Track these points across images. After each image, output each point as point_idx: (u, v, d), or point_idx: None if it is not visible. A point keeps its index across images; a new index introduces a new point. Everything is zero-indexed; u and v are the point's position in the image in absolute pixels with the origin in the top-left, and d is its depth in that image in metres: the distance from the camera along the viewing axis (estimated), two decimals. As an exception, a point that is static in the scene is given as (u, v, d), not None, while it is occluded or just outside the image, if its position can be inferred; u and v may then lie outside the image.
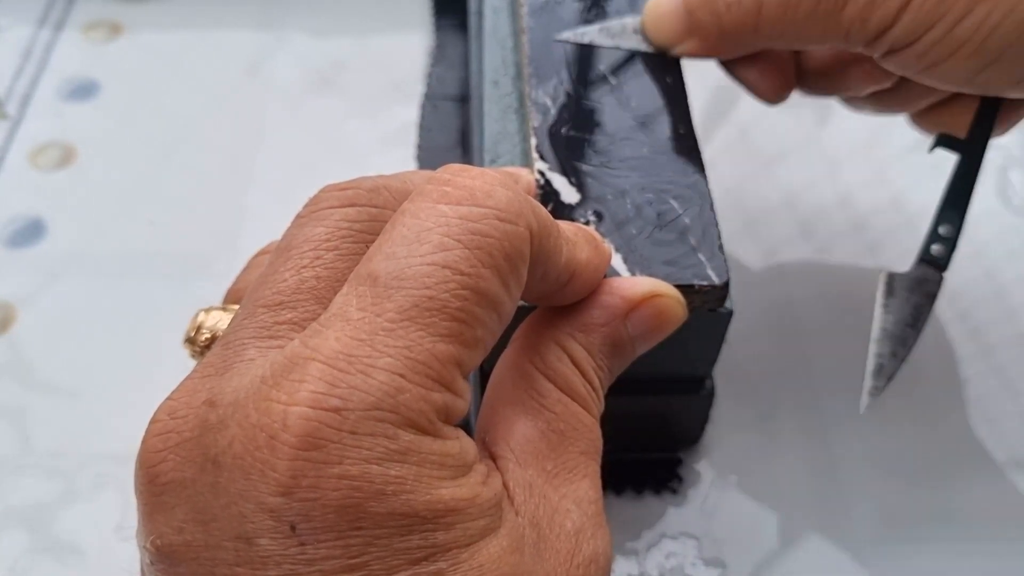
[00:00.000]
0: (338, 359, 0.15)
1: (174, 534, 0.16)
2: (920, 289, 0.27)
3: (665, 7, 0.27)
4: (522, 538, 0.17)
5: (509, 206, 0.17)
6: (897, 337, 0.27)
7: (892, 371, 0.26)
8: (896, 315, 0.27)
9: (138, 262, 0.35)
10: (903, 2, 0.23)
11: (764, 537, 0.29)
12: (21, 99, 0.40)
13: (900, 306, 0.27)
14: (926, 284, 0.27)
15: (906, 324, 0.27)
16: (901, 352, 0.26)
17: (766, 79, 0.29)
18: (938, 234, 0.28)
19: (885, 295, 0.27)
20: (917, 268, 0.28)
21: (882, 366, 0.26)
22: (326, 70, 0.42)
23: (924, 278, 0.27)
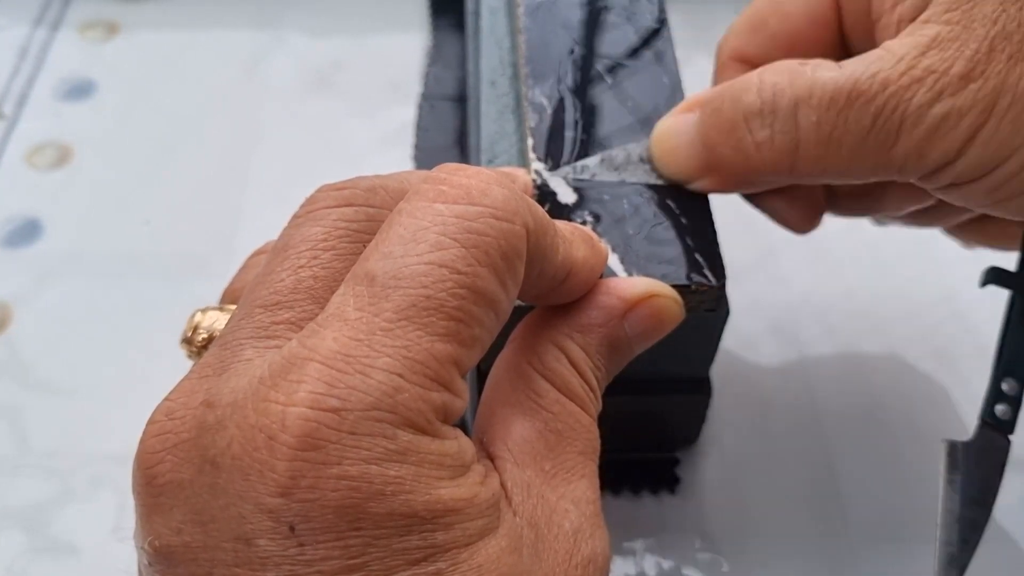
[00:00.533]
0: (336, 359, 0.15)
1: (172, 535, 0.15)
2: (987, 459, 0.24)
3: (677, 140, 0.24)
4: (520, 538, 0.17)
5: (505, 204, 0.17)
6: (966, 520, 0.23)
7: (965, 561, 0.23)
8: (963, 493, 0.24)
9: (135, 262, 0.35)
10: (969, 134, 0.20)
11: (761, 537, 0.29)
12: (17, 99, 0.40)
13: (967, 483, 0.24)
14: (993, 453, 0.24)
15: (975, 503, 0.24)
16: (972, 538, 0.23)
17: (794, 209, 0.26)
18: (1001, 392, 0.24)
19: (949, 469, 0.24)
20: (981, 434, 0.24)
21: (953, 556, 0.23)
22: (323, 70, 0.41)
23: (990, 446, 0.24)
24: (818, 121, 0.21)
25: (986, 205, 0.22)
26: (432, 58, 0.42)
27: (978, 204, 0.22)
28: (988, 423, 0.24)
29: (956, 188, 0.22)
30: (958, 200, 0.22)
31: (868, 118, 0.21)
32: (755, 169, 0.23)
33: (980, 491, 0.24)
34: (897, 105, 0.21)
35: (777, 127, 0.22)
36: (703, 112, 0.24)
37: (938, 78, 0.20)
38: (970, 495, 0.24)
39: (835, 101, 0.21)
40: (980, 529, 0.23)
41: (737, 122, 0.23)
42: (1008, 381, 0.24)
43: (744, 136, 0.22)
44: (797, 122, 0.22)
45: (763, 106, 0.22)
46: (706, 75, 0.39)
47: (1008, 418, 0.24)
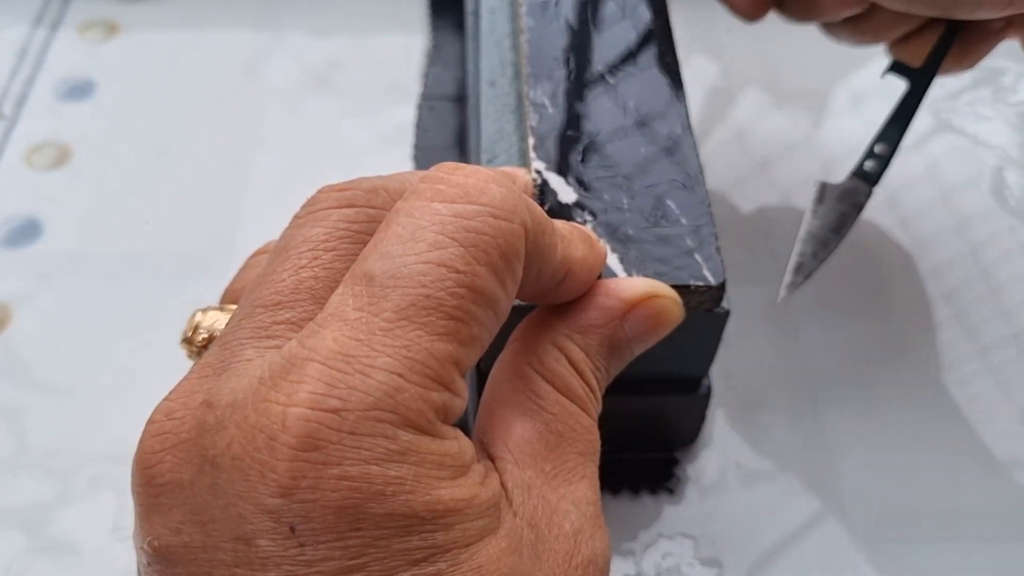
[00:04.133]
0: (336, 359, 0.15)
1: (172, 535, 0.15)
2: (849, 199, 0.29)
3: None
4: (520, 539, 0.17)
5: (503, 203, 0.17)
6: (820, 240, 0.28)
7: (811, 270, 0.28)
8: (822, 220, 0.29)
9: (134, 262, 0.35)
10: None
11: (761, 537, 0.29)
12: (17, 99, 0.40)
13: (827, 213, 0.29)
14: (855, 195, 0.29)
15: (830, 229, 0.29)
16: (821, 254, 0.28)
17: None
18: (874, 152, 0.29)
19: (816, 202, 0.29)
20: (849, 180, 0.29)
21: (802, 264, 0.28)
22: (323, 70, 0.41)
23: (854, 189, 0.29)
24: None
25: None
26: (431, 58, 0.42)
27: None
28: (857, 174, 0.30)
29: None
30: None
31: None
32: None
33: (837, 222, 0.29)
34: None
35: None
36: None
37: None
38: (828, 223, 0.29)
39: None
40: (830, 250, 0.28)
41: None
42: (881, 144, 0.30)
43: None
44: None
45: None
46: (707, 74, 0.39)
47: (873, 171, 0.29)
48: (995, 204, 0.38)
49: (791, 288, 0.28)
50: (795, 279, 0.28)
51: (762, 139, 0.40)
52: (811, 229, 0.29)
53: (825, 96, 0.41)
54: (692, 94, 0.28)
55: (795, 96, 0.41)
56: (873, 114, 0.40)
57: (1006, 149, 0.39)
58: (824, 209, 0.29)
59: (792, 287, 0.28)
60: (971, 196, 0.38)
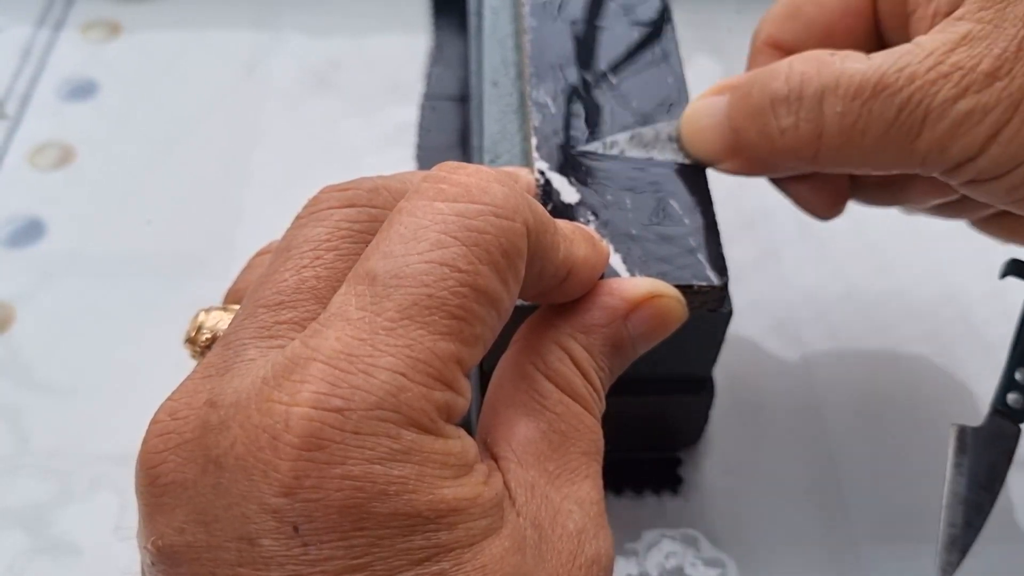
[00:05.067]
0: (339, 359, 0.15)
1: (175, 535, 0.15)
2: (996, 446, 0.24)
3: (706, 121, 0.24)
4: (524, 539, 0.17)
5: (505, 202, 0.17)
6: (972, 503, 0.24)
7: (967, 543, 0.23)
8: (970, 477, 0.24)
9: (136, 262, 0.35)
10: (992, 131, 0.20)
11: (764, 537, 0.29)
12: (20, 99, 0.40)
13: (974, 466, 0.24)
14: (1002, 440, 0.24)
15: (981, 487, 0.24)
16: (977, 521, 0.24)
17: (818, 195, 0.26)
18: (1014, 381, 0.25)
19: (957, 452, 0.24)
20: (992, 421, 0.25)
21: (955, 537, 0.23)
22: (323, 70, 0.41)
23: (1000, 433, 0.24)
24: (843, 111, 0.22)
25: (1007, 202, 0.22)
26: (434, 58, 0.42)
27: (999, 201, 0.22)
28: (999, 410, 0.25)
29: (977, 184, 0.22)
30: (979, 196, 0.22)
31: (892, 110, 0.21)
32: (778, 154, 0.23)
33: (987, 476, 0.24)
34: (922, 99, 0.21)
35: (802, 114, 0.22)
36: (732, 95, 0.24)
37: (965, 74, 0.20)
38: (977, 479, 0.24)
39: (861, 92, 0.21)
40: (985, 513, 0.24)
41: (764, 107, 0.23)
42: (1022, 371, 0.25)
43: (770, 121, 0.23)
44: (822, 111, 0.22)
45: (790, 93, 0.22)
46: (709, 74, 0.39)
47: (1020, 406, 0.25)
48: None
49: (947, 570, 0.23)
50: (950, 558, 0.23)
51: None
52: (958, 490, 0.24)
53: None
54: (695, 93, 0.28)
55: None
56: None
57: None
58: (969, 462, 0.24)
59: (948, 568, 0.23)
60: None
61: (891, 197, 0.28)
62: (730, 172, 0.25)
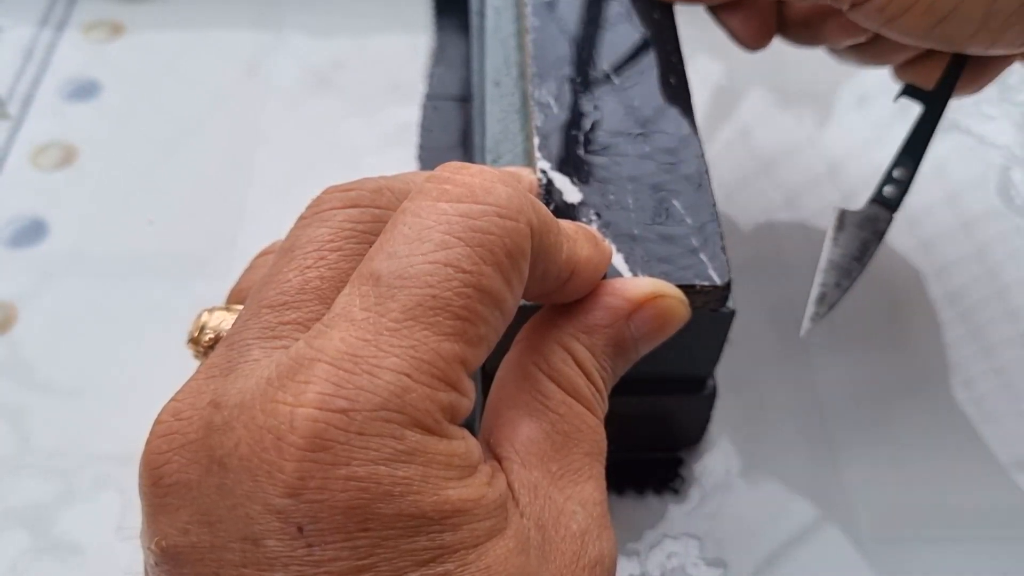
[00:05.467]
0: (343, 360, 0.15)
1: (179, 535, 0.15)
2: (869, 226, 0.28)
3: None
4: (527, 540, 0.17)
5: (509, 202, 0.17)
6: (843, 269, 0.28)
7: (834, 300, 0.27)
8: (844, 248, 0.28)
9: (139, 262, 0.35)
10: None
11: (766, 537, 0.29)
12: (23, 99, 0.40)
13: (849, 241, 0.28)
14: (876, 222, 0.29)
15: (853, 257, 0.28)
16: (844, 283, 0.28)
17: (748, 26, 0.30)
18: (892, 177, 0.29)
19: (836, 230, 0.28)
20: (869, 207, 0.29)
21: (825, 295, 0.27)
22: (325, 70, 0.41)
23: (875, 216, 0.29)
24: None
25: (880, 25, 0.26)
26: (436, 58, 0.42)
27: (876, 24, 0.26)
28: (877, 200, 0.29)
29: (857, 9, 0.26)
30: (862, 21, 0.26)
31: None
32: None
33: (859, 250, 0.28)
34: None
35: None
36: None
37: None
38: (850, 251, 0.28)
39: None
40: (853, 278, 0.28)
41: None
42: (899, 170, 0.29)
43: None
44: None
45: None
46: (712, 74, 0.39)
47: (893, 197, 0.29)
48: (1001, 204, 0.37)
49: (815, 319, 0.27)
50: (819, 310, 0.27)
51: (767, 139, 0.39)
52: (832, 258, 0.28)
53: (830, 96, 0.41)
54: (697, 94, 0.28)
55: (800, 96, 0.41)
56: (879, 115, 0.40)
57: (1012, 149, 0.39)
58: (845, 237, 0.28)
59: (816, 318, 0.27)
60: (977, 196, 0.38)
61: (811, 36, 0.31)
62: None
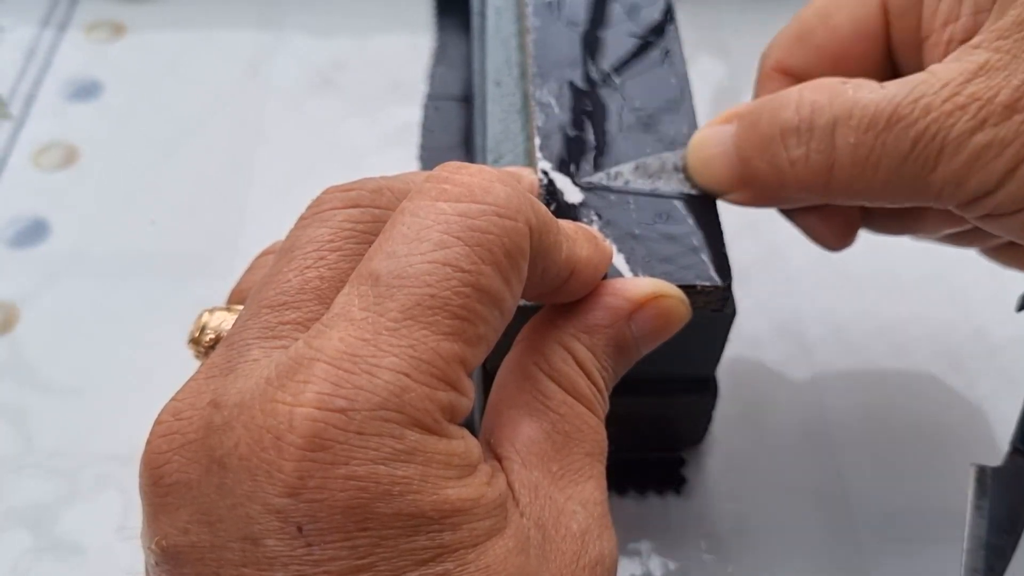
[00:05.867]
0: (343, 359, 0.15)
1: (179, 535, 0.15)
2: (1017, 487, 0.24)
3: (713, 151, 0.24)
4: (527, 539, 0.17)
5: (508, 202, 0.17)
6: (993, 547, 0.23)
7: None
8: (991, 520, 0.23)
9: (140, 262, 0.35)
10: (1011, 166, 0.20)
11: (767, 538, 0.29)
12: (24, 99, 0.40)
13: (996, 508, 0.23)
14: (1023, 480, 0.24)
15: (1003, 530, 0.23)
16: (999, 566, 0.23)
17: (829, 226, 0.25)
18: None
19: (977, 494, 0.23)
20: (1012, 461, 0.24)
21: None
22: (326, 70, 0.42)
23: (1020, 474, 0.24)
24: (856, 143, 0.21)
25: (1023, 237, 0.22)
26: (437, 58, 0.42)
27: (1015, 236, 0.22)
28: (1019, 450, 0.24)
29: (993, 219, 0.21)
30: (995, 230, 0.22)
31: (907, 143, 0.20)
32: (788, 186, 0.22)
33: (1009, 519, 0.23)
34: (938, 132, 0.20)
35: (813, 145, 0.22)
36: (740, 124, 0.23)
37: (982, 106, 0.20)
38: (998, 522, 0.23)
39: (875, 123, 0.21)
40: (1007, 557, 0.23)
41: (773, 137, 0.22)
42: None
43: (779, 152, 0.22)
44: (834, 142, 0.21)
45: (800, 123, 0.22)
46: (713, 74, 0.39)
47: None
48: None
49: None
50: None
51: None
52: (979, 533, 0.23)
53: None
54: (699, 94, 0.28)
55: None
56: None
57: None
58: (990, 505, 0.23)
59: None
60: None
61: (903, 227, 0.27)
62: (738, 203, 0.24)
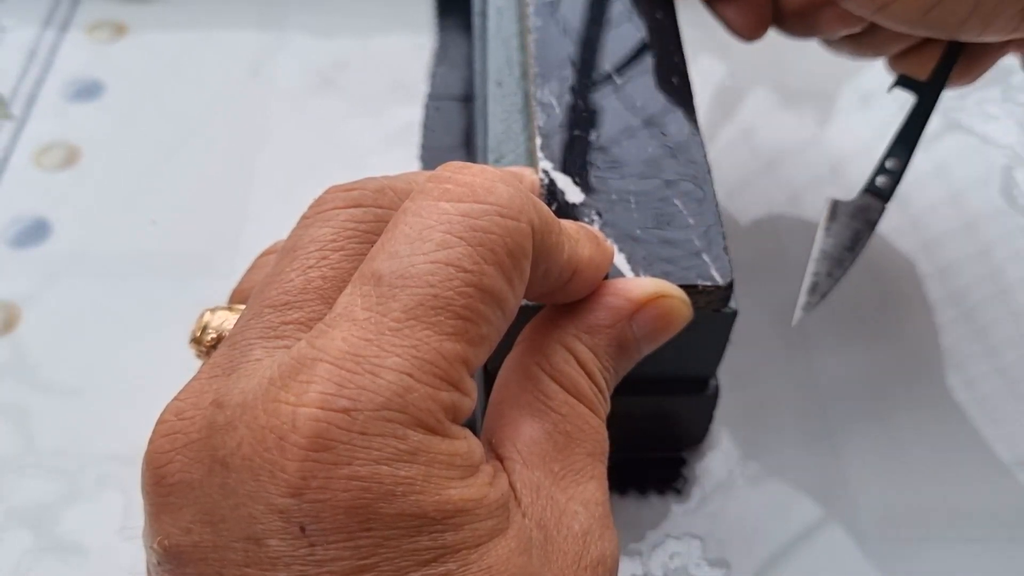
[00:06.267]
0: (345, 359, 0.15)
1: (181, 535, 0.15)
2: (862, 216, 0.28)
3: None
4: (529, 540, 0.17)
5: (510, 202, 0.17)
6: (834, 258, 0.28)
7: (826, 289, 0.27)
8: (836, 239, 0.28)
9: (142, 262, 0.35)
10: None
11: (768, 537, 0.29)
12: (26, 99, 0.40)
13: (841, 231, 0.28)
14: (868, 212, 0.29)
15: (844, 248, 0.28)
16: (836, 272, 0.28)
17: (744, 16, 0.30)
18: (885, 168, 0.29)
19: (828, 220, 0.28)
20: (861, 197, 0.29)
21: (817, 284, 0.27)
22: (328, 70, 0.42)
23: (867, 206, 0.29)
24: None
25: (872, 12, 0.25)
26: (438, 58, 0.42)
27: (867, 10, 0.26)
28: (869, 190, 0.29)
29: (886, 8, 0.25)
30: (854, 8, 0.26)
31: None
32: None
33: (851, 240, 0.28)
34: None
35: None
36: None
37: None
38: (842, 241, 0.28)
39: None
40: (845, 268, 0.28)
41: None
42: (892, 160, 0.29)
43: None
44: None
45: None
46: (714, 74, 0.39)
47: (886, 187, 0.29)
48: (1004, 204, 0.37)
49: (807, 308, 0.27)
50: (810, 299, 0.27)
51: (770, 139, 0.39)
52: (824, 248, 0.28)
53: (833, 95, 0.41)
54: (700, 94, 0.28)
55: (803, 96, 0.41)
56: (881, 114, 0.40)
57: (1015, 148, 0.39)
58: (837, 227, 0.28)
59: (808, 308, 0.27)
60: (980, 196, 0.38)
61: (806, 27, 0.30)
62: None
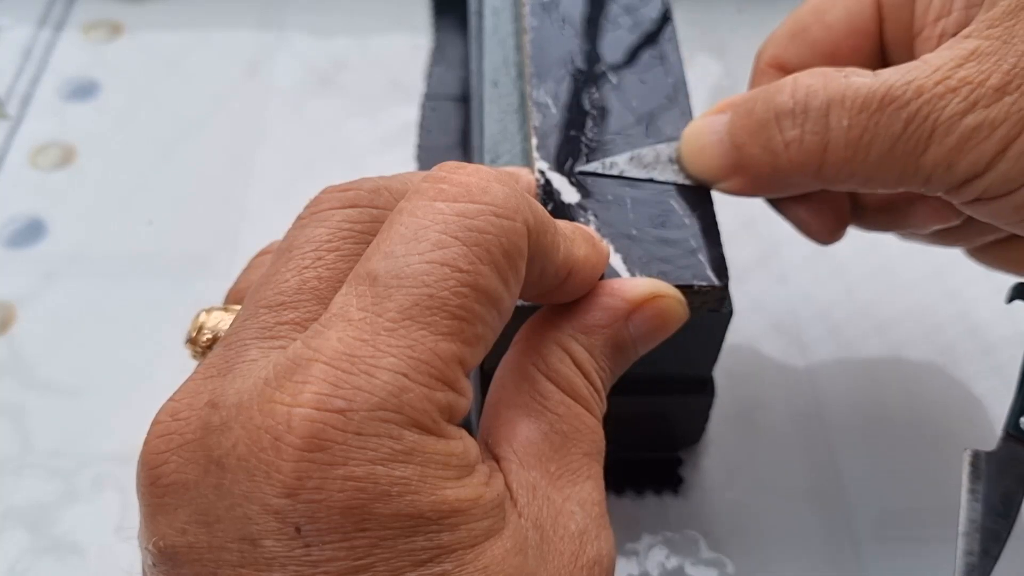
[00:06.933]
0: (341, 360, 0.15)
1: (177, 535, 0.15)
2: (1010, 471, 0.24)
3: (707, 139, 0.24)
4: (526, 540, 0.17)
5: (506, 202, 0.17)
6: (988, 530, 0.23)
7: (985, 572, 0.23)
8: (985, 503, 0.23)
9: (138, 262, 0.35)
10: (1000, 146, 0.20)
11: (765, 537, 0.29)
12: (21, 99, 0.40)
13: (989, 492, 0.24)
14: (1016, 465, 0.24)
15: (997, 514, 0.23)
16: (994, 549, 0.23)
17: (819, 217, 0.25)
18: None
19: (971, 478, 0.24)
20: (1005, 445, 0.24)
21: (973, 566, 0.23)
22: (326, 70, 0.41)
23: (1014, 457, 0.24)
24: (849, 124, 0.21)
25: (1013, 223, 0.22)
26: (435, 58, 0.42)
27: (1004, 221, 0.22)
28: (1012, 435, 0.24)
29: (983, 203, 0.21)
30: (984, 216, 0.22)
31: (899, 124, 0.20)
32: (782, 169, 0.23)
33: (1003, 502, 0.23)
34: (929, 113, 0.20)
35: (807, 127, 0.22)
36: (735, 112, 0.24)
37: (973, 89, 0.20)
38: (992, 506, 0.23)
39: (867, 105, 0.21)
40: (1002, 541, 0.23)
41: (768, 121, 0.22)
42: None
43: (774, 135, 0.22)
44: (828, 123, 0.21)
45: (795, 106, 0.22)
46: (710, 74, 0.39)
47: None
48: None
49: None
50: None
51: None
52: (974, 517, 0.23)
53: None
54: (696, 93, 0.28)
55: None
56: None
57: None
58: (985, 489, 0.23)
59: None
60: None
61: (892, 222, 0.27)
62: (732, 192, 0.24)
